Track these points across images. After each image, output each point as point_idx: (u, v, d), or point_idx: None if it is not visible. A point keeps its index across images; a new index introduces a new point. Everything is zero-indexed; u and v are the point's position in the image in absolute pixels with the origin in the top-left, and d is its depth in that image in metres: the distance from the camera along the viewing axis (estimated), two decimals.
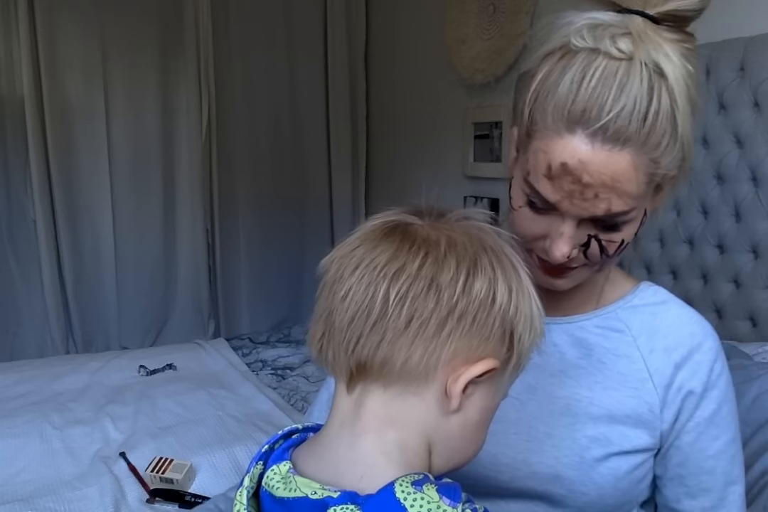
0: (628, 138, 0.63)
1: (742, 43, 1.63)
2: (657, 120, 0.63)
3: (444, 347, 0.54)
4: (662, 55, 0.63)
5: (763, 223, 1.63)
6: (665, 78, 0.63)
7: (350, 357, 0.55)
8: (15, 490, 1.45)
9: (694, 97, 0.66)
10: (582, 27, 0.65)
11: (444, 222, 0.58)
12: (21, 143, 2.84)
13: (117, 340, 3.13)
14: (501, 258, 0.56)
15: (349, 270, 0.55)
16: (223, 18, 3.09)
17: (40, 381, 2.08)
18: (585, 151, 0.64)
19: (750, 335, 1.65)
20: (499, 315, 0.55)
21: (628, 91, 0.63)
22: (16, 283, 2.95)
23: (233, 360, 2.36)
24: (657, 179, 0.67)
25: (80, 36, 2.88)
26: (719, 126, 1.70)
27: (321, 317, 0.57)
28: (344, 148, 3.39)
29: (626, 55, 0.63)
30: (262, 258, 3.30)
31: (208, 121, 3.10)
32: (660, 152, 0.65)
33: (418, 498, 0.49)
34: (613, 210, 0.66)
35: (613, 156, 0.64)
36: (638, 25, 0.64)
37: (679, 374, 0.76)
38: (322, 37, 3.29)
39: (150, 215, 3.13)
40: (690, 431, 0.77)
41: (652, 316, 0.79)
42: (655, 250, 1.90)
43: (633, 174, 0.65)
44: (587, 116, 0.63)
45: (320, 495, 0.52)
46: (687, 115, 0.65)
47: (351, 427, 0.56)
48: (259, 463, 0.60)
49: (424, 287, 0.53)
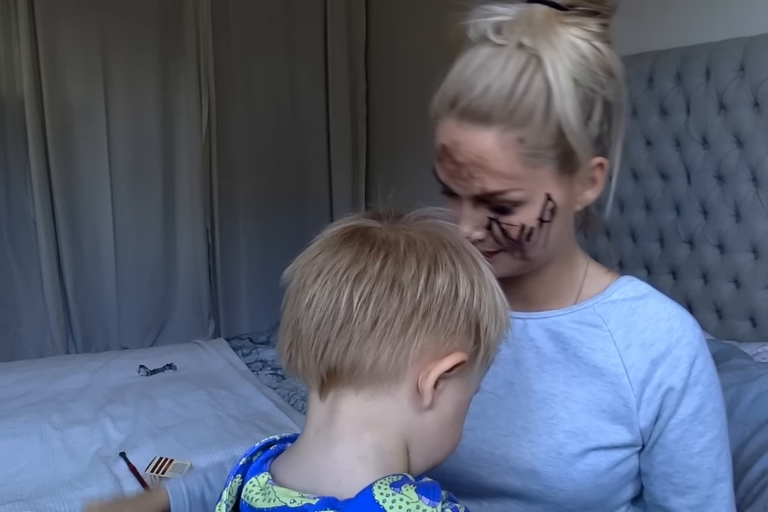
0: (492, 116, 0.66)
1: (742, 43, 1.63)
2: (524, 98, 0.65)
3: (411, 345, 0.54)
4: (543, 40, 0.65)
5: (763, 223, 1.63)
6: (541, 61, 0.65)
7: (320, 364, 0.55)
8: (15, 490, 1.45)
9: (583, 79, 0.66)
10: (477, 21, 0.68)
11: (402, 222, 0.59)
12: (21, 143, 2.84)
13: (117, 340, 3.13)
14: (461, 253, 0.57)
15: (312, 277, 0.56)
16: (223, 19, 3.08)
17: (40, 381, 2.08)
18: (456, 131, 0.68)
19: (750, 335, 1.65)
20: (463, 309, 0.55)
21: (496, 73, 0.65)
22: (16, 283, 2.95)
23: (233, 360, 2.36)
24: (539, 158, 0.67)
25: (80, 37, 2.87)
26: (719, 126, 1.70)
27: (288, 327, 0.58)
28: (344, 148, 3.39)
29: (506, 41, 0.66)
30: (262, 258, 3.30)
31: (208, 122, 3.10)
32: (529, 131, 0.66)
33: (397, 499, 0.49)
34: (488, 189, 0.68)
35: (479, 134, 0.67)
36: (531, 12, 0.66)
37: (658, 370, 0.75)
38: (322, 37, 3.28)
39: (150, 215, 3.13)
40: (674, 428, 0.76)
41: (629, 311, 0.78)
42: (655, 250, 1.90)
43: (501, 153, 0.66)
44: (459, 98, 0.67)
45: (299, 503, 0.52)
46: (568, 94, 0.65)
47: (326, 434, 0.56)
48: (238, 476, 0.60)
49: (387, 287, 0.53)
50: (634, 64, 1.91)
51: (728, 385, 1.25)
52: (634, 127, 1.92)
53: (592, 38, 0.68)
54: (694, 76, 1.74)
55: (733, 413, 1.20)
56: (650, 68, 1.85)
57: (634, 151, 1.94)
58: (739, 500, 1.08)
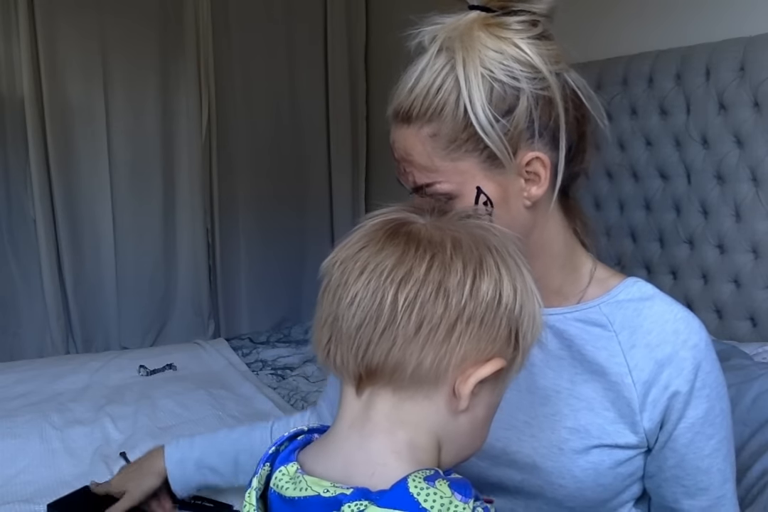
0: (411, 115, 0.72)
1: (742, 43, 1.63)
2: (437, 95, 0.70)
3: (454, 351, 0.54)
4: (459, 40, 0.69)
5: (763, 223, 1.63)
6: (455, 60, 0.69)
7: (360, 363, 0.55)
8: (15, 490, 1.45)
9: (495, 71, 0.69)
10: (419, 31, 0.73)
11: (446, 221, 0.58)
12: (21, 143, 2.83)
13: (117, 340, 3.12)
14: (505, 257, 0.57)
15: (354, 275, 0.55)
16: (223, 19, 3.08)
17: (40, 381, 2.08)
18: (392, 131, 0.76)
19: (750, 335, 1.66)
20: (506, 315, 0.55)
21: (417, 75, 0.71)
22: (16, 283, 2.94)
23: (233, 360, 2.36)
24: (460, 149, 0.71)
25: (80, 37, 2.87)
26: (719, 126, 1.70)
27: (326, 322, 0.57)
28: (344, 148, 3.38)
29: (433, 48, 0.71)
30: (262, 258, 3.30)
31: (208, 122, 3.10)
32: (441, 125, 0.71)
33: (431, 493, 0.50)
34: (418, 182, 0.74)
35: (403, 132, 0.73)
36: (461, 18, 0.71)
37: (664, 372, 0.75)
38: (322, 37, 3.28)
39: (150, 215, 3.13)
40: (684, 432, 0.76)
41: (635, 312, 0.78)
42: (655, 250, 1.90)
43: (420, 147, 0.72)
44: (391, 102, 0.75)
45: (333, 492, 0.52)
46: (475, 88, 0.68)
47: (360, 429, 0.56)
48: (266, 465, 0.60)
49: (433, 292, 0.53)
50: (634, 64, 1.91)
51: (728, 385, 1.24)
52: (634, 127, 1.93)
53: (513, 36, 0.70)
54: (694, 76, 1.74)
55: (733, 413, 1.19)
56: (650, 68, 1.85)
57: (634, 151, 1.94)
58: (739, 500, 1.08)
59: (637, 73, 1.89)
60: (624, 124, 1.95)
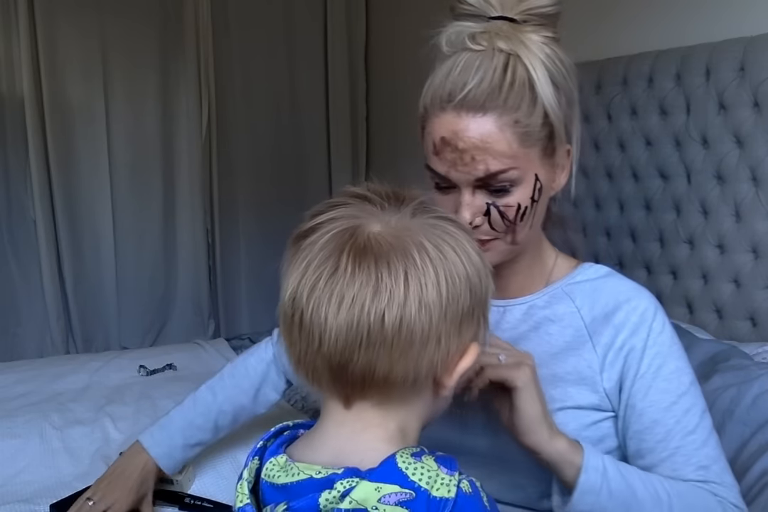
0: (487, 105, 0.76)
1: (742, 43, 1.63)
2: (512, 88, 0.76)
3: (445, 352, 0.57)
4: (517, 42, 0.76)
5: (763, 223, 1.63)
6: (520, 58, 0.76)
7: (356, 388, 0.56)
8: (15, 490, 1.45)
9: (554, 71, 0.78)
10: (451, 34, 0.80)
11: (399, 220, 0.58)
12: (21, 143, 2.84)
13: (117, 340, 3.13)
14: (466, 249, 0.59)
15: (333, 311, 0.54)
16: (223, 19, 3.08)
17: (40, 381, 2.07)
18: (454, 122, 0.77)
19: (750, 335, 1.65)
20: (477, 304, 0.59)
21: (483, 70, 0.76)
22: (16, 283, 2.94)
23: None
24: (531, 137, 0.78)
25: (80, 37, 2.87)
26: (719, 126, 1.70)
27: (308, 353, 0.57)
28: (344, 148, 3.38)
29: (484, 47, 0.77)
30: (262, 258, 3.30)
31: (208, 122, 3.10)
32: (521, 114, 0.77)
33: (418, 466, 0.53)
34: (492, 169, 0.78)
35: (478, 121, 0.77)
36: (497, 26, 0.78)
37: (620, 335, 0.84)
38: (322, 37, 3.28)
39: (150, 215, 3.13)
40: (640, 386, 0.83)
41: (592, 288, 0.88)
42: (655, 250, 1.90)
43: (500, 135, 0.77)
44: (453, 94, 0.77)
45: (325, 473, 0.54)
46: (546, 84, 0.77)
47: (351, 426, 0.58)
48: (255, 458, 0.62)
49: (416, 310, 0.54)
50: (634, 64, 1.91)
51: (728, 385, 1.25)
52: (634, 127, 1.92)
53: (549, 42, 0.79)
54: (694, 76, 1.74)
55: (733, 413, 1.20)
56: (650, 68, 1.85)
57: (634, 151, 1.94)
58: None
59: (637, 73, 1.89)
60: (624, 124, 1.95)
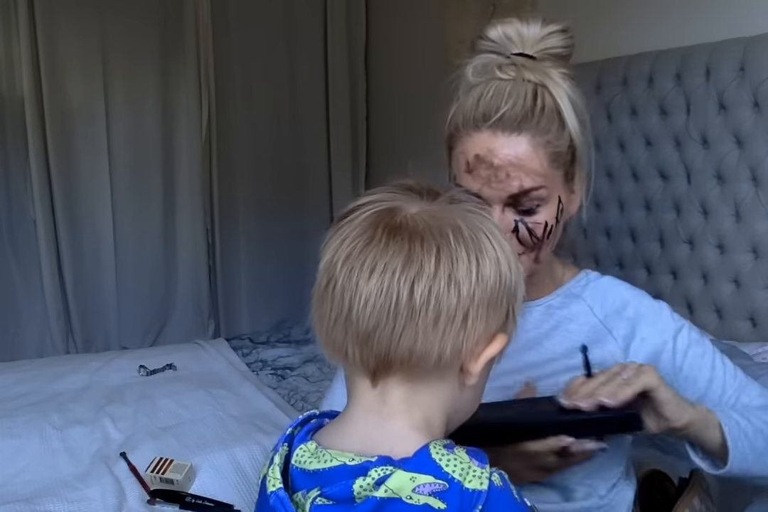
0: (522, 125, 0.82)
1: (742, 43, 1.63)
2: (543, 113, 0.82)
3: (470, 336, 0.58)
4: (542, 74, 0.83)
5: (763, 223, 1.63)
6: (546, 87, 0.83)
7: (378, 358, 0.57)
8: (15, 490, 1.45)
9: (576, 100, 0.84)
10: (477, 65, 0.86)
11: (438, 206, 0.61)
12: (21, 143, 2.84)
13: (117, 340, 3.13)
14: (498, 237, 0.60)
15: (365, 276, 0.56)
16: (223, 19, 3.08)
17: (40, 381, 2.08)
18: (489, 140, 0.82)
19: (750, 335, 1.65)
20: (506, 293, 0.60)
21: (515, 96, 0.82)
22: (16, 283, 2.94)
23: (233, 360, 2.36)
24: (558, 159, 0.83)
25: (80, 37, 2.87)
26: (719, 126, 1.70)
27: (336, 322, 0.58)
28: (344, 148, 3.38)
29: (512, 77, 0.83)
30: (262, 258, 3.30)
31: (208, 122, 3.10)
32: (552, 136, 0.82)
33: (451, 458, 0.54)
34: (525, 186, 0.82)
35: (513, 140, 0.82)
36: (521, 60, 0.84)
37: (639, 326, 0.91)
38: (322, 37, 3.28)
39: (150, 215, 3.13)
40: (686, 360, 0.91)
41: (598, 289, 0.95)
42: (655, 250, 1.90)
43: (533, 154, 0.82)
44: (488, 115, 0.82)
45: (358, 460, 0.55)
46: (571, 112, 0.83)
47: (378, 412, 0.59)
48: (285, 444, 0.62)
49: (445, 285, 0.56)
50: (634, 64, 1.91)
51: None
52: (634, 127, 1.93)
53: (566, 77, 0.85)
54: (694, 76, 1.74)
55: None
56: (650, 68, 1.85)
57: (634, 151, 1.94)
58: (739, 500, 1.09)
59: (637, 73, 1.89)
60: (624, 124, 1.95)
